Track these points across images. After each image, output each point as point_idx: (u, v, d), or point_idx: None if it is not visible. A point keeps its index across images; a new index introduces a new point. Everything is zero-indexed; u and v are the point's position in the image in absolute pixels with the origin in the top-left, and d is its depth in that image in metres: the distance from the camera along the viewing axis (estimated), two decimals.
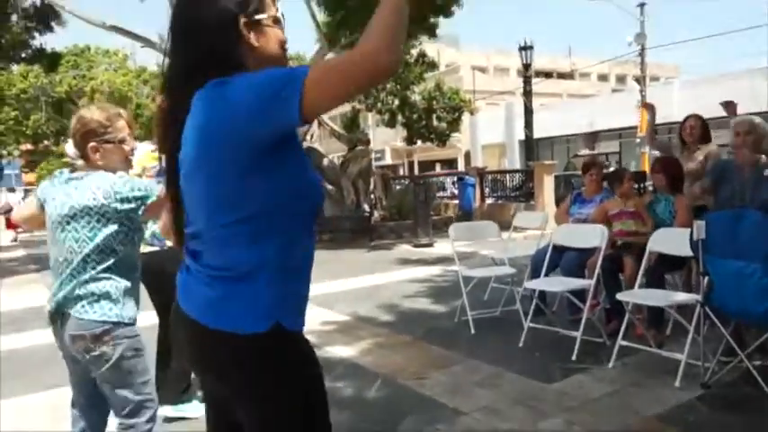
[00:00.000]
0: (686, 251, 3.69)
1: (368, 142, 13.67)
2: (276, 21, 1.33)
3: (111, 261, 2.14)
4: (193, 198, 1.29)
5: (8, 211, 17.45)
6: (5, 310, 6.97)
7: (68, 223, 2.15)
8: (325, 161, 13.32)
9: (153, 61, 31.62)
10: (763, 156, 3.98)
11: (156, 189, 2.22)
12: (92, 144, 2.22)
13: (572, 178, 14.89)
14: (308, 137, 13.76)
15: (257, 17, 1.30)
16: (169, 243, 3.23)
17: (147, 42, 13.11)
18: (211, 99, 1.21)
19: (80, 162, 2.39)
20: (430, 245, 11.15)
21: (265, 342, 1.24)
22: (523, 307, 4.93)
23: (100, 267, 2.13)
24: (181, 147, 1.29)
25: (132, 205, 2.18)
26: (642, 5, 22.06)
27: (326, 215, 12.30)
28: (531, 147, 15.02)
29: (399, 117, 17.89)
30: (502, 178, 15.18)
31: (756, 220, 3.22)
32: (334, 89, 1.14)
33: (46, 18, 13.46)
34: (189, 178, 1.28)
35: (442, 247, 10.39)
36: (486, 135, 31.43)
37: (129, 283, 2.21)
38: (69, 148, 2.30)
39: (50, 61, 14.54)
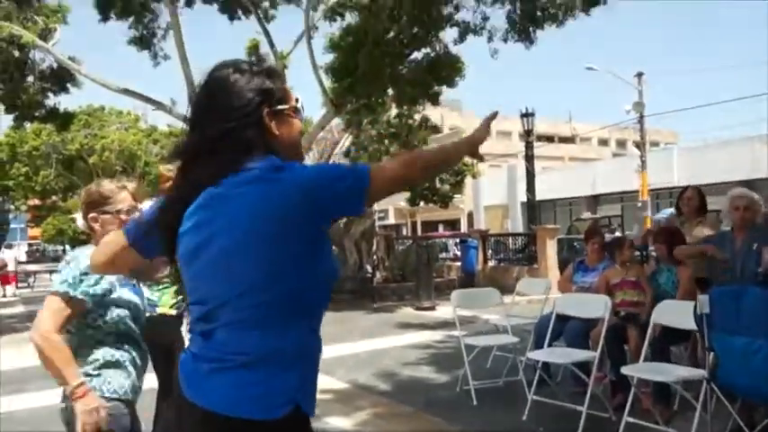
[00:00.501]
0: (690, 324, 3.65)
1: (371, 204, 13.77)
2: (296, 111, 1.41)
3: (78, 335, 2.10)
4: (218, 278, 1.27)
5: (2, 267, 17.20)
6: (4, 369, 6.86)
7: None
8: None
9: (163, 121, 32.49)
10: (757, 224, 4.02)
11: (80, 290, 2.07)
12: (91, 215, 2.28)
13: (575, 242, 14.90)
14: None
15: (279, 107, 1.36)
16: (160, 309, 3.22)
17: (159, 106, 13.48)
18: (268, 184, 1.25)
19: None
20: (432, 308, 11.05)
21: (285, 428, 1.23)
22: (527, 376, 4.83)
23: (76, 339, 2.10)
24: (180, 224, 1.31)
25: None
26: (640, 75, 22.68)
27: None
28: (533, 210, 15.11)
29: None
30: (504, 241, 15.19)
31: (758, 295, 3.21)
32: (388, 186, 1.33)
33: (62, 80, 13.89)
34: (218, 257, 1.27)
35: (444, 310, 10.29)
36: (489, 196, 31.70)
37: (119, 354, 2.15)
38: (79, 219, 2.34)
39: (63, 121, 14.89)
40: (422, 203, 19.66)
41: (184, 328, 3.37)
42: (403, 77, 11.48)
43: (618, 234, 15.81)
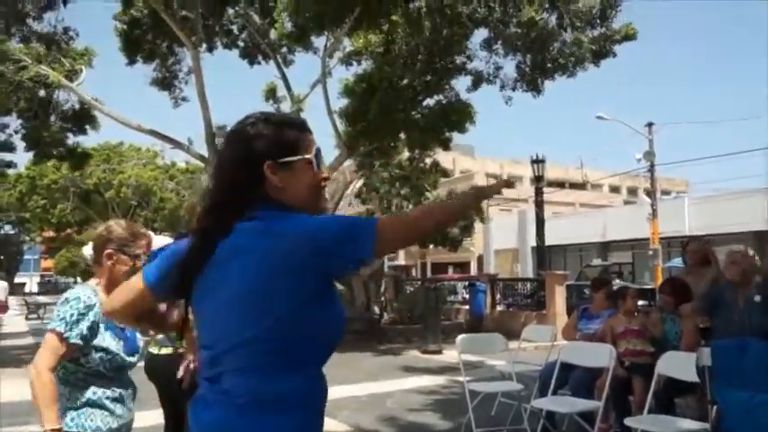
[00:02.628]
0: (694, 376, 3.67)
1: None
2: (308, 163, 1.40)
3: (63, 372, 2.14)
4: (231, 322, 1.31)
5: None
6: (5, 401, 6.89)
7: None
8: None
9: (181, 158, 33.03)
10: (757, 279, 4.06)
11: (74, 332, 2.10)
12: (109, 250, 2.32)
13: (584, 288, 14.81)
14: None
15: (285, 160, 1.37)
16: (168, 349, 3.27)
17: (176, 145, 13.82)
18: (275, 238, 1.29)
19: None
20: (439, 351, 10.99)
21: None
22: (531, 425, 4.81)
23: (61, 375, 2.13)
24: (199, 268, 1.36)
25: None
26: (650, 125, 22.89)
27: None
28: (542, 256, 15.11)
29: None
30: (513, 285, 15.15)
31: (760, 349, 3.23)
32: (395, 242, 1.40)
33: (82, 121, 14.30)
34: (227, 303, 1.31)
35: (451, 354, 10.21)
36: (500, 240, 31.65)
37: (110, 392, 2.20)
38: (87, 249, 2.40)
39: (78, 160, 15.31)
40: (431, 246, 19.75)
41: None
42: (415, 123, 11.73)
43: (625, 283, 15.71)
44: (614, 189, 45.45)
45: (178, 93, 14.92)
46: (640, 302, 6.72)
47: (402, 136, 12.66)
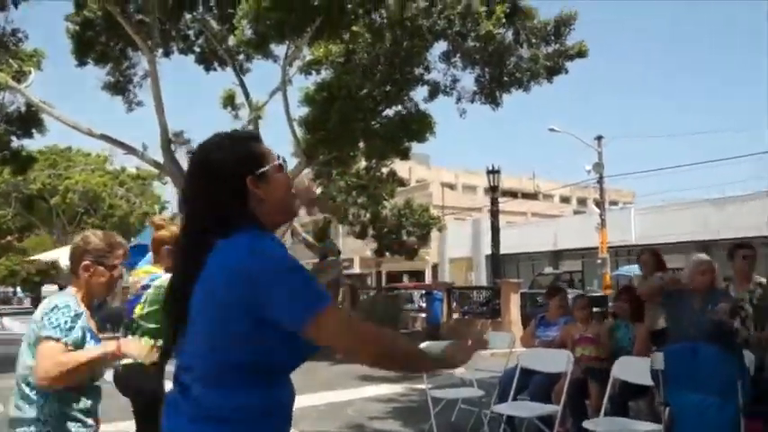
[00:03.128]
0: (648, 379, 3.85)
1: (339, 253, 13.85)
2: (279, 168, 1.45)
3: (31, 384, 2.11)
4: (198, 331, 1.34)
5: None
6: None
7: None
8: None
9: (132, 163, 32.17)
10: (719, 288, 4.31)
11: (70, 338, 2.12)
12: (85, 262, 2.31)
13: (537, 296, 15.19)
14: None
15: (261, 171, 1.41)
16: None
17: (129, 150, 13.49)
18: (235, 267, 1.30)
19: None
20: None
21: None
22: (491, 430, 4.92)
23: (25, 390, 2.10)
24: (193, 278, 1.37)
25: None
26: (599, 138, 23.74)
27: None
28: (498, 265, 15.43)
29: (370, 230, 18.35)
30: (469, 294, 15.39)
31: (712, 354, 3.43)
32: (331, 338, 1.30)
33: (28, 124, 13.80)
34: (200, 312, 1.35)
35: None
36: (454, 249, 32.10)
37: (83, 404, 2.18)
38: (64, 259, 2.38)
39: (22, 164, 14.74)
40: (387, 254, 19.85)
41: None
42: (375, 132, 11.84)
43: (579, 291, 16.19)
44: (565, 199, 46.81)
45: (132, 97, 14.59)
46: (594, 309, 6.96)
47: (361, 145, 12.75)
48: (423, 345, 5.72)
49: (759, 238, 18.93)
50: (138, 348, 2.27)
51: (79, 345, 2.11)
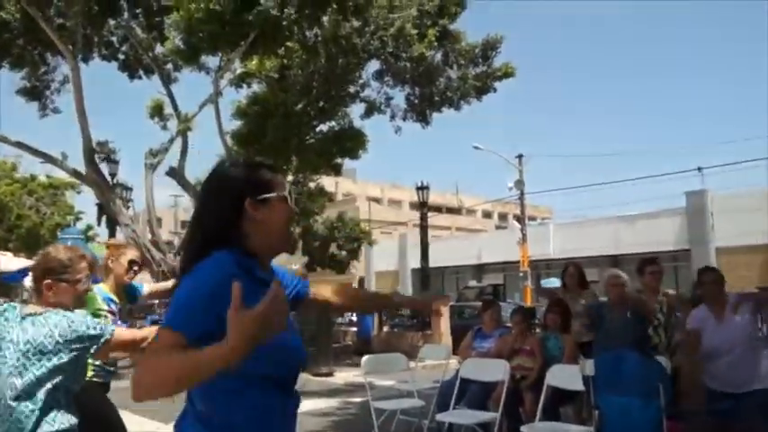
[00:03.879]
0: (577, 385, 4.18)
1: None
2: (284, 199, 1.55)
3: (45, 398, 2.15)
4: None
5: None
6: None
7: (18, 360, 2.17)
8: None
9: (42, 171, 30.28)
10: (631, 299, 4.72)
11: (110, 330, 2.31)
12: (47, 281, 2.30)
13: (465, 309, 15.67)
14: None
15: (264, 197, 1.51)
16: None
17: (48, 159, 12.81)
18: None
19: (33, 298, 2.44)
20: (330, 374, 11.09)
21: None
22: None
23: (31, 405, 2.11)
24: None
25: (86, 344, 2.24)
26: (521, 156, 24.88)
27: None
28: (427, 278, 15.81)
29: (301, 244, 18.29)
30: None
31: (635, 360, 3.78)
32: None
33: None
34: None
35: (341, 376, 10.39)
36: (381, 263, 32.46)
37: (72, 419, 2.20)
38: (28, 281, 2.36)
39: None
40: (318, 268, 19.85)
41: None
42: (309, 147, 11.91)
43: (515, 303, 16.81)
44: (487, 215, 48.47)
45: (49, 103, 13.86)
46: None
47: (293, 159, 12.76)
48: (364, 359, 5.86)
49: (666, 252, 20.47)
50: None
51: None
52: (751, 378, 3.65)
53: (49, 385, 2.15)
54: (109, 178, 13.81)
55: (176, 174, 13.33)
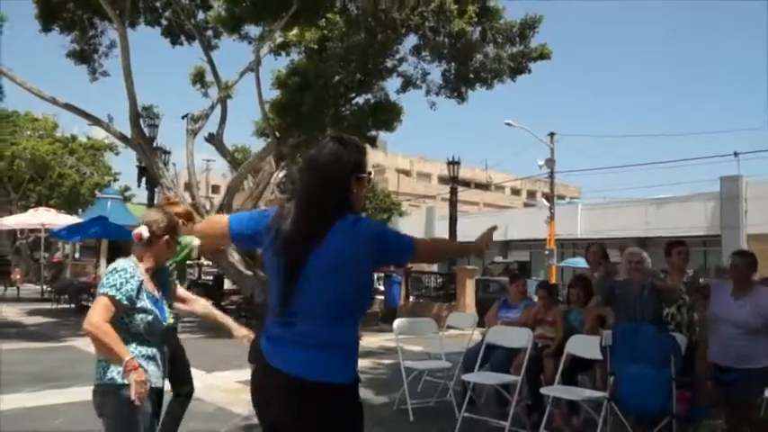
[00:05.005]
0: (595, 354, 4.52)
1: None
2: (369, 176, 2.01)
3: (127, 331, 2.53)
4: (315, 287, 1.85)
5: None
6: None
7: None
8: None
9: (81, 130, 31.17)
10: (650, 278, 4.99)
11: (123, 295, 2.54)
12: (167, 238, 2.68)
13: (489, 282, 16.00)
14: None
15: (361, 175, 1.97)
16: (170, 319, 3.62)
17: (95, 121, 13.36)
18: (352, 233, 1.87)
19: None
20: (359, 338, 11.55)
21: (354, 390, 1.90)
22: (455, 398, 5.53)
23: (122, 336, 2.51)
24: (312, 248, 1.85)
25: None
26: (552, 134, 24.77)
27: (257, 301, 12.50)
28: None
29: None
30: (426, 279, 16.06)
31: (651, 333, 4.09)
32: (427, 259, 2.23)
33: None
34: (327, 271, 1.85)
35: (368, 340, 10.85)
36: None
37: (145, 350, 2.58)
38: (145, 231, 2.68)
39: None
40: None
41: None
42: (344, 119, 12.20)
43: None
44: (515, 192, 48.32)
45: (98, 67, 14.38)
46: None
47: (329, 131, 13.06)
48: (396, 322, 6.25)
49: (696, 237, 20.39)
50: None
51: (131, 300, 2.51)
52: (758, 356, 3.92)
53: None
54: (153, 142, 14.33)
55: (215, 140, 13.79)
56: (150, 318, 2.58)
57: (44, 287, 18.37)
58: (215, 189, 45.64)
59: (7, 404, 5.58)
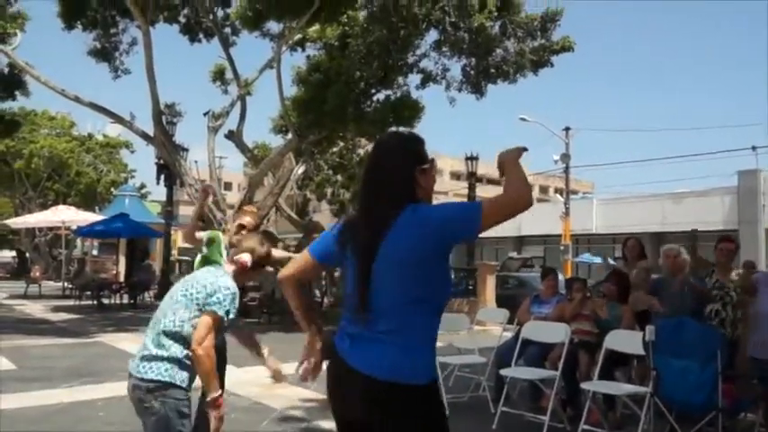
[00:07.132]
0: (633, 349, 4.53)
1: (322, 229, 14.29)
2: (432, 166, 1.98)
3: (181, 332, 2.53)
4: (397, 284, 1.81)
5: None
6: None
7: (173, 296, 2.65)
8: (280, 245, 13.75)
9: (95, 128, 31.40)
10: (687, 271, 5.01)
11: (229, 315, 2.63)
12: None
13: (508, 279, 15.98)
14: (265, 221, 14.23)
15: (425, 167, 1.95)
16: None
17: (117, 119, 13.47)
18: (415, 223, 1.82)
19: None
20: None
21: (432, 391, 1.85)
22: (489, 393, 5.55)
23: (168, 337, 2.52)
24: (382, 237, 1.83)
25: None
26: (567, 129, 24.66)
27: (277, 297, 12.57)
28: (472, 248, 16.13)
29: (350, 209, 18.82)
30: None
31: (695, 328, 4.09)
32: (497, 217, 1.79)
33: (11, 87, 13.62)
34: (395, 269, 1.80)
35: None
36: None
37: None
38: (249, 258, 2.77)
39: (7, 127, 14.54)
40: None
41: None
42: (366, 115, 12.21)
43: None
44: None
45: (119, 65, 14.48)
46: None
47: (350, 127, 13.09)
48: None
49: (713, 232, 20.23)
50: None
51: (231, 317, 2.58)
52: None
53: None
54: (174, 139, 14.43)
55: (235, 137, 13.87)
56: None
57: (65, 284, 18.59)
58: (227, 186, 45.83)
59: (47, 399, 5.68)
